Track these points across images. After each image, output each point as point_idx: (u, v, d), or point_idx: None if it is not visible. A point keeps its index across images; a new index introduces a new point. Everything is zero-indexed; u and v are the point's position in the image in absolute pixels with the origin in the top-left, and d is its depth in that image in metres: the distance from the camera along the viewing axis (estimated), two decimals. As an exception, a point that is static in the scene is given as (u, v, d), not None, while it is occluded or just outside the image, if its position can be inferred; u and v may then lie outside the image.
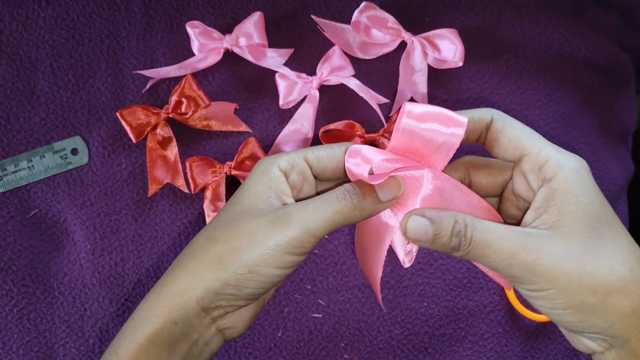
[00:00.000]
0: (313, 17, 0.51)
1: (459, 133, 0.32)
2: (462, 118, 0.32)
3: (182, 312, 0.31)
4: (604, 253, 0.29)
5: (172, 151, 0.48)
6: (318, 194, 0.34)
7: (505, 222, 0.33)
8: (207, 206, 0.47)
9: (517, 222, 0.32)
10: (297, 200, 0.33)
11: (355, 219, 0.31)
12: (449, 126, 0.32)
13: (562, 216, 0.29)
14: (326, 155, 0.33)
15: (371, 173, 0.31)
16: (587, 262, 0.28)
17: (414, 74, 0.50)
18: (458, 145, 0.32)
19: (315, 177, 0.34)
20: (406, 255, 0.33)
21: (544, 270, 0.28)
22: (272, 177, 0.32)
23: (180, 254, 0.33)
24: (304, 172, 0.33)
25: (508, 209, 0.35)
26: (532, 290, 0.30)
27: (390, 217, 0.33)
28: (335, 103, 0.51)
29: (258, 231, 0.30)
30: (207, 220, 0.48)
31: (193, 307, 0.31)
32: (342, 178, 0.34)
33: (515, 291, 0.50)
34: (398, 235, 0.33)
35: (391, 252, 0.38)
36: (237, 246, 0.30)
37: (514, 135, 0.31)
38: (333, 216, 0.30)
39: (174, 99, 0.47)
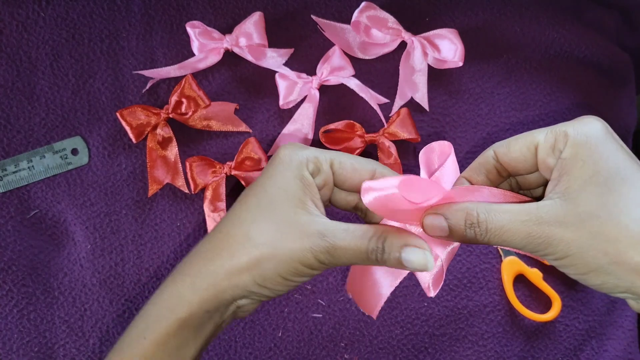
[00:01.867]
0: (313, 17, 0.51)
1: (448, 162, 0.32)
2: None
3: (216, 303, 0.32)
4: (615, 210, 0.28)
5: (172, 151, 0.48)
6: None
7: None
8: (207, 206, 0.47)
9: None
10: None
11: (372, 264, 0.32)
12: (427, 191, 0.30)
13: (571, 182, 0.29)
14: (351, 169, 0.34)
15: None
16: (596, 224, 0.28)
17: (414, 74, 0.50)
18: (454, 165, 0.32)
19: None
20: (434, 283, 0.33)
21: (558, 241, 0.28)
22: (307, 183, 0.33)
23: (215, 240, 0.33)
24: (327, 179, 0.34)
25: None
26: (555, 260, 0.30)
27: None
28: (335, 103, 0.51)
29: (297, 247, 0.31)
30: (207, 220, 0.48)
31: (227, 299, 0.33)
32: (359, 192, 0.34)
33: (515, 291, 0.50)
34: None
35: None
36: (276, 255, 0.31)
37: (522, 142, 0.31)
38: (357, 260, 0.31)
39: (174, 99, 0.47)
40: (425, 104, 0.51)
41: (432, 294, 0.33)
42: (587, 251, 0.28)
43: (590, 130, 0.29)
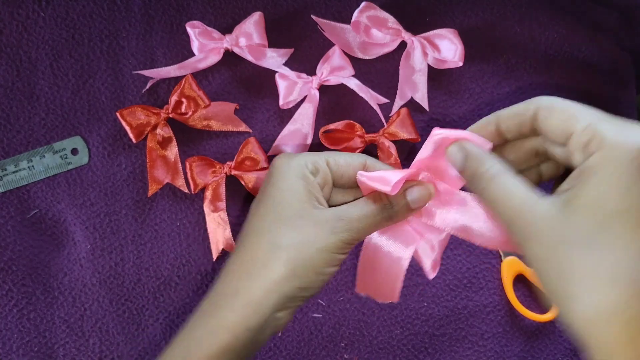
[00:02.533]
0: (313, 17, 0.51)
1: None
2: (486, 143, 0.31)
3: (257, 319, 0.32)
4: (598, 251, 0.25)
5: (172, 151, 0.48)
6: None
7: None
8: (207, 206, 0.47)
9: None
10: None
11: (387, 225, 0.35)
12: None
13: (578, 197, 0.26)
14: (345, 164, 0.35)
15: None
16: (571, 253, 0.26)
17: (414, 74, 0.50)
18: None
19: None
20: (432, 266, 0.36)
21: (531, 251, 0.27)
22: (310, 181, 0.34)
23: (242, 261, 0.34)
24: (326, 177, 0.35)
25: None
26: (517, 243, 0.29)
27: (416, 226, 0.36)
28: (335, 103, 0.51)
29: (321, 237, 0.33)
30: (207, 220, 0.48)
31: (268, 313, 0.33)
32: (356, 186, 0.36)
33: (515, 291, 0.50)
34: (423, 245, 0.35)
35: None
36: (306, 253, 0.32)
37: (562, 117, 0.29)
38: (373, 227, 0.34)
39: (174, 99, 0.47)
40: (425, 104, 0.51)
41: (431, 275, 0.36)
42: (549, 273, 0.27)
43: (627, 150, 0.25)
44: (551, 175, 0.34)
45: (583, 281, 0.25)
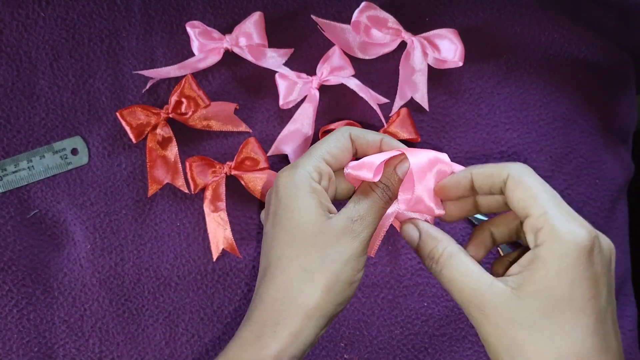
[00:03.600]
0: (313, 17, 0.51)
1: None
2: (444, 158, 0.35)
3: (301, 346, 0.33)
4: (545, 335, 0.29)
5: (172, 151, 0.48)
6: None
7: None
8: (207, 206, 0.47)
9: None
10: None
11: (388, 207, 0.36)
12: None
13: (529, 284, 0.29)
14: (339, 151, 0.36)
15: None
16: (522, 336, 0.29)
17: (414, 74, 0.50)
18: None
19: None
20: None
21: (485, 323, 0.30)
22: (319, 192, 0.34)
23: (276, 291, 0.34)
24: (330, 176, 0.36)
25: None
26: (475, 326, 0.32)
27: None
28: (335, 103, 0.51)
29: (344, 246, 0.33)
30: (207, 220, 0.48)
31: (312, 339, 0.33)
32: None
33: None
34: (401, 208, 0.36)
35: (391, 253, 0.38)
36: (337, 268, 0.33)
37: (524, 195, 0.31)
38: (380, 210, 0.35)
39: (174, 99, 0.47)
40: (425, 104, 0.51)
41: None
42: (501, 351, 0.30)
43: (574, 247, 0.28)
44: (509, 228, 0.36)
45: (534, 358, 0.29)
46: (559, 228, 0.29)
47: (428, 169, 0.34)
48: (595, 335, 0.28)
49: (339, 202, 0.38)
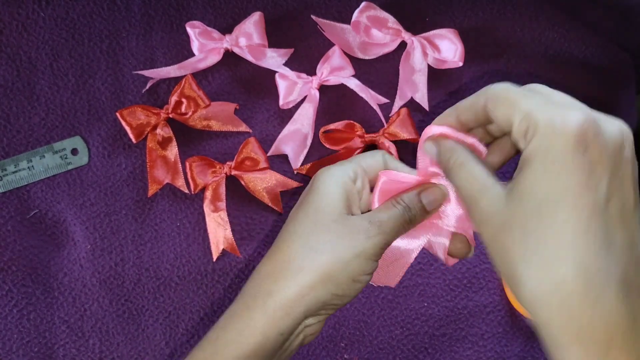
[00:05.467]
0: (313, 17, 0.51)
1: None
2: (467, 137, 0.33)
3: (289, 322, 0.32)
4: (534, 240, 0.26)
5: (172, 151, 0.48)
6: None
7: None
8: (207, 206, 0.47)
9: None
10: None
11: (409, 229, 0.35)
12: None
13: (516, 186, 0.27)
14: (374, 162, 0.36)
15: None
16: (511, 240, 0.26)
17: (414, 74, 0.50)
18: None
19: None
20: (448, 257, 0.36)
21: (482, 235, 0.29)
22: (348, 187, 0.34)
23: (276, 261, 0.33)
24: (364, 181, 0.36)
25: None
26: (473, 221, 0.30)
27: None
28: (335, 103, 0.51)
29: (357, 241, 0.32)
30: (207, 220, 0.48)
31: (301, 317, 0.32)
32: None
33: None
34: (439, 240, 0.36)
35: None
36: (344, 257, 0.32)
37: (505, 108, 0.28)
38: (399, 230, 0.34)
39: (174, 99, 0.47)
40: (425, 104, 0.51)
41: (451, 262, 0.36)
42: (496, 256, 0.28)
43: (560, 136, 0.25)
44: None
45: (522, 264, 0.26)
46: (541, 121, 0.26)
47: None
48: (589, 233, 0.24)
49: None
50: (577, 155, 0.25)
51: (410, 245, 0.36)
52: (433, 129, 0.33)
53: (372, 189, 0.37)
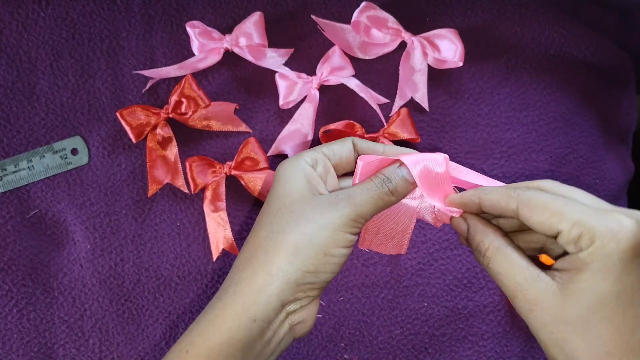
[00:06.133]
0: (313, 17, 0.51)
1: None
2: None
3: (261, 307, 0.32)
4: (594, 330, 0.29)
5: (172, 151, 0.48)
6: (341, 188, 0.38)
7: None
8: (207, 206, 0.47)
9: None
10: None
11: (392, 203, 0.35)
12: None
13: (574, 283, 0.29)
14: (339, 148, 0.37)
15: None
16: (571, 332, 0.29)
17: (414, 74, 0.50)
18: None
19: None
20: (436, 220, 0.37)
21: (534, 319, 0.30)
22: (307, 171, 0.35)
23: (244, 253, 0.34)
24: (326, 165, 0.36)
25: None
26: (522, 314, 0.32)
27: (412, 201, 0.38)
28: (335, 103, 0.51)
29: (322, 215, 0.32)
30: (207, 220, 0.48)
31: (273, 301, 0.32)
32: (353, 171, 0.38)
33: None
34: (425, 207, 0.37)
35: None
36: (309, 232, 0.32)
37: (544, 217, 0.30)
38: (377, 201, 0.34)
39: (174, 99, 0.47)
40: (425, 104, 0.51)
41: (439, 224, 0.37)
42: (552, 346, 0.30)
43: (616, 243, 0.28)
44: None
45: (582, 356, 0.29)
46: (598, 230, 0.28)
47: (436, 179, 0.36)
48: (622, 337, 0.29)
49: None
50: (634, 259, 0.28)
51: (409, 202, 0.37)
52: (365, 159, 0.36)
53: (348, 174, 0.38)
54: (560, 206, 0.30)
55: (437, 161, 0.35)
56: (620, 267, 0.28)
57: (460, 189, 0.37)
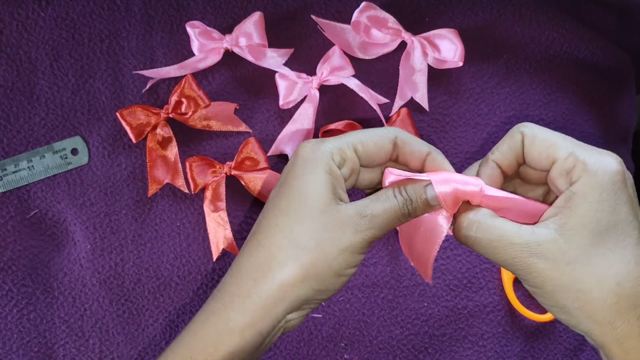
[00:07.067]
0: (313, 17, 0.51)
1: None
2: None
3: (269, 322, 0.31)
4: (600, 263, 0.29)
5: (172, 151, 0.48)
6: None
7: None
8: (207, 206, 0.47)
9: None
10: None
11: (405, 221, 0.34)
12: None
13: (572, 219, 0.30)
14: (374, 147, 0.34)
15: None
16: (578, 269, 0.29)
17: (414, 74, 0.50)
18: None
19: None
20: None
21: (537, 273, 0.30)
22: (335, 175, 0.32)
23: (256, 254, 0.32)
24: (354, 166, 0.34)
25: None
26: (528, 285, 0.32)
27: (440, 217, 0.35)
28: (335, 103, 0.51)
29: (344, 235, 0.31)
30: (207, 220, 0.48)
31: (281, 316, 0.31)
32: (386, 165, 0.35)
33: (515, 291, 0.50)
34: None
35: (391, 253, 0.38)
36: (328, 254, 0.31)
37: (544, 145, 0.32)
38: (394, 222, 0.33)
39: (174, 99, 0.47)
40: (425, 104, 0.51)
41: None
42: (560, 292, 0.30)
43: (608, 175, 0.30)
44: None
45: (592, 292, 0.29)
46: (590, 162, 0.30)
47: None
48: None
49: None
50: (624, 191, 0.30)
51: (425, 243, 0.35)
52: (393, 174, 0.33)
53: (367, 166, 0.35)
54: (558, 138, 0.32)
55: (471, 186, 0.33)
56: (615, 198, 0.29)
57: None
